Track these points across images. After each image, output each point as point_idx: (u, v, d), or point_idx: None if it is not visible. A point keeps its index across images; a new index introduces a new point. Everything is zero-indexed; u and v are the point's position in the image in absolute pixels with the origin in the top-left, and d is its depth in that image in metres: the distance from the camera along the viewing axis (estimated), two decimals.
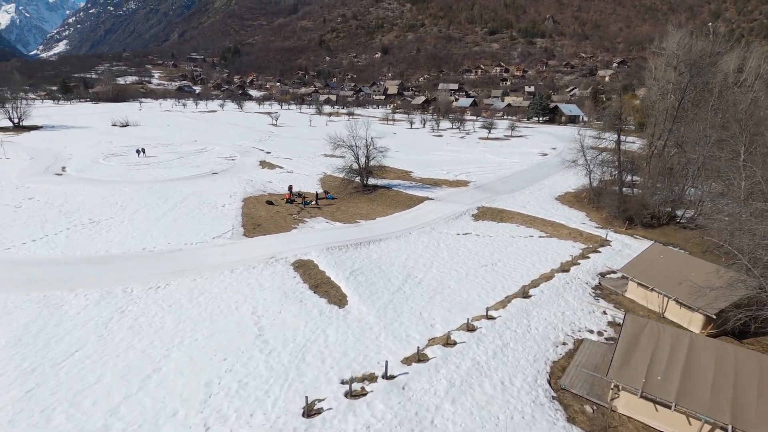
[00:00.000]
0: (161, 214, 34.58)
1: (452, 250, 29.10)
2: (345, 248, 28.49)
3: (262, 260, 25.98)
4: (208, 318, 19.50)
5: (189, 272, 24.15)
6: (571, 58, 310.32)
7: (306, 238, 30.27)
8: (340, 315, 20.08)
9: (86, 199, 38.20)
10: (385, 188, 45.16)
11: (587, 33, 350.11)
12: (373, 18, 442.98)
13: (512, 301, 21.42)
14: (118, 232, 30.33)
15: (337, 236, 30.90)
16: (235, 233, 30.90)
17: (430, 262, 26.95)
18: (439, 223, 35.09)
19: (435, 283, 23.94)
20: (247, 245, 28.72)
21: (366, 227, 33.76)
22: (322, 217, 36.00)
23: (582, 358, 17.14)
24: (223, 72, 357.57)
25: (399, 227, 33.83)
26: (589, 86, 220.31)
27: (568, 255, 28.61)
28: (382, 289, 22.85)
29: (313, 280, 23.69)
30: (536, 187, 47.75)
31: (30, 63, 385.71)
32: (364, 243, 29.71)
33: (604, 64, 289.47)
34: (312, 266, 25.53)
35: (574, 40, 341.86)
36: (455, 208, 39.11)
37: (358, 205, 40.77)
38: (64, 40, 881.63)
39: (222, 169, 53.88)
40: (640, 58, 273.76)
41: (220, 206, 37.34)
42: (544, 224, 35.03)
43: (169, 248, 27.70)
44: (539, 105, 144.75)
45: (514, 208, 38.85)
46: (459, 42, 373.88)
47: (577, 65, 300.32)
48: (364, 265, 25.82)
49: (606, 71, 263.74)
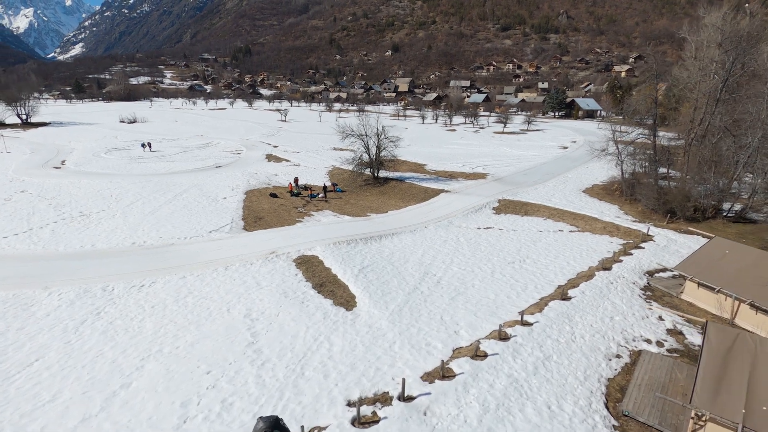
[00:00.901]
0: (156, 207, 32.11)
1: (474, 246, 25.97)
2: (354, 243, 25.57)
3: (261, 256, 23.20)
4: (194, 322, 16.74)
5: (178, 269, 21.49)
6: (585, 54, 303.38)
7: (311, 232, 27.43)
8: (348, 319, 17.13)
9: (80, 191, 35.99)
10: (397, 181, 42.15)
11: (602, 28, 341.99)
12: (383, 16, 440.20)
13: (549, 303, 18.23)
14: (107, 225, 27.89)
15: (346, 230, 28.00)
16: (234, 227, 28.23)
17: (449, 258, 23.88)
18: (457, 217, 31.96)
19: (456, 281, 20.86)
20: (245, 240, 25.99)
21: (377, 221, 30.80)
22: (329, 211, 33.16)
23: (643, 375, 13.92)
24: (234, 72, 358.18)
25: (413, 221, 30.80)
26: (605, 82, 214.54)
27: (605, 251, 25.24)
28: (396, 288, 19.86)
29: (317, 279, 20.80)
30: (560, 180, 44.24)
31: (46, 65, 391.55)
32: (375, 237, 26.75)
33: (620, 60, 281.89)
34: (316, 263, 22.67)
35: (588, 35, 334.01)
36: (474, 200, 35.93)
37: (368, 198, 37.83)
38: (80, 43, 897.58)
39: (226, 162, 51.46)
40: (658, 53, 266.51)
41: (220, 199, 34.78)
42: (574, 218, 31.63)
43: (161, 243, 25.12)
44: (555, 99, 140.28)
45: (539, 201, 35.49)
46: (470, 39, 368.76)
47: (592, 61, 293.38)
48: (375, 262, 22.87)
49: (622, 66, 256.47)
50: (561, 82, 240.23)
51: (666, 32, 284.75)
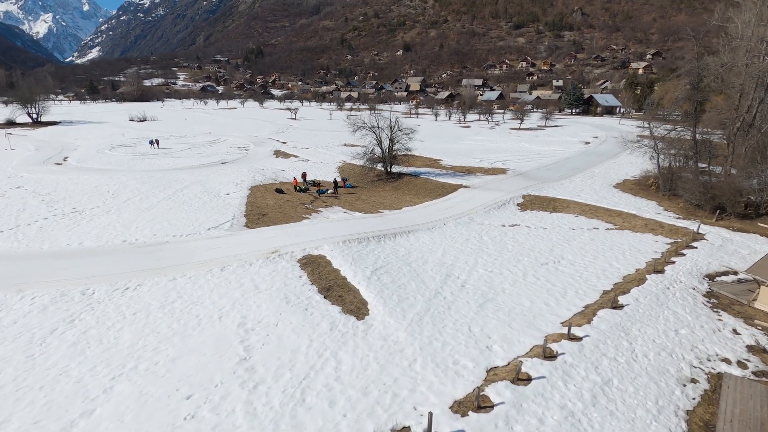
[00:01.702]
0: (154, 203, 29.98)
1: (500, 245, 23.15)
2: (365, 241, 22.97)
3: (262, 255, 20.74)
4: (179, 332, 14.31)
5: (169, 269, 19.14)
6: (601, 51, 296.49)
7: (318, 230, 24.91)
8: (359, 330, 14.52)
9: (77, 188, 34.12)
10: (411, 176, 39.45)
11: (618, 24, 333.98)
12: (394, 16, 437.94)
13: (598, 313, 15.34)
14: (99, 222, 25.80)
15: (356, 227, 25.41)
16: (234, 224, 25.88)
17: (473, 258, 21.11)
18: (478, 213, 29.12)
19: (484, 285, 18.10)
20: (246, 237, 23.58)
21: (391, 218, 28.15)
22: (338, 207, 30.64)
23: (732, 407, 11.00)
24: (246, 73, 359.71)
25: (431, 217, 28.07)
26: (623, 79, 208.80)
27: (651, 251, 22.18)
28: (415, 293, 17.18)
29: (324, 281, 18.23)
30: (586, 175, 41.02)
31: (63, 68, 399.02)
32: (389, 235, 24.11)
33: (637, 56, 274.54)
34: (324, 263, 20.11)
35: (604, 32, 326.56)
36: (496, 196, 33.03)
37: (380, 194, 35.23)
38: (97, 47, 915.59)
39: (233, 158, 49.41)
40: (677, 49, 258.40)
41: (223, 195, 32.54)
42: (609, 214, 28.52)
43: (154, 241, 22.86)
44: (573, 96, 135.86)
45: (567, 197, 32.43)
46: (483, 37, 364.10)
47: (608, 58, 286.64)
48: (389, 262, 20.21)
49: (639, 63, 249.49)
50: (576, 79, 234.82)
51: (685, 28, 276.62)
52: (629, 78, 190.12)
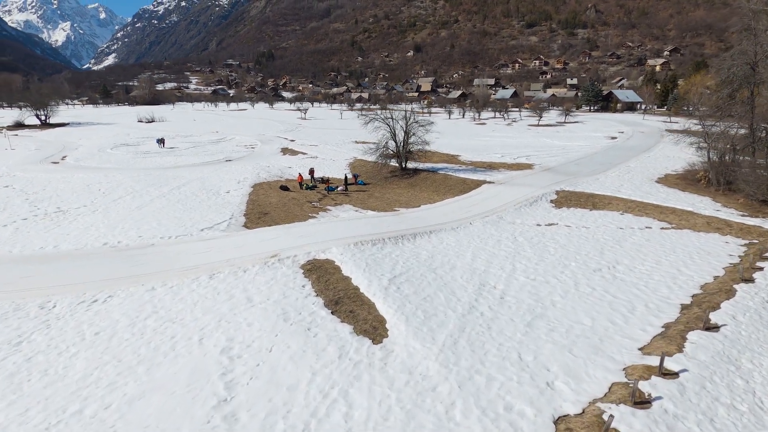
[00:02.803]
0: (146, 201, 27.20)
1: (539, 247, 19.65)
2: (381, 243, 19.69)
3: (260, 260, 17.61)
4: (147, 360, 11.21)
5: (149, 277, 16.15)
6: (616, 48, 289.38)
7: (326, 230, 21.71)
8: (376, 358, 11.22)
9: (68, 186, 31.60)
10: (428, 172, 36.12)
11: (634, 21, 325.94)
12: (405, 17, 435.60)
13: (688, 336, 11.76)
14: (82, 222, 23.04)
15: (370, 227, 22.16)
16: (232, 224, 22.86)
17: (510, 263, 17.66)
18: (508, 211, 25.62)
19: (528, 297, 14.66)
20: (243, 239, 20.51)
21: (408, 217, 24.84)
22: (349, 205, 27.44)
23: None
24: (257, 76, 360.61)
25: (454, 216, 24.68)
26: (640, 76, 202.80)
27: (725, 254, 18.44)
28: (444, 307, 13.82)
29: (332, 293, 14.98)
30: (622, 170, 37.12)
31: (79, 74, 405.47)
32: (408, 236, 20.80)
33: (654, 53, 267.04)
34: (332, 270, 16.88)
35: (619, 29, 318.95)
36: (525, 192, 29.47)
37: (395, 191, 31.95)
38: (113, 54, 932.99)
39: (238, 156, 46.70)
40: (695, 45, 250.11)
41: (222, 193, 29.64)
42: (660, 211, 24.75)
43: (138, 243, 19.94)
44: (591, 92, 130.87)
45: (607, 192, 28.69)
46: (494, 37, 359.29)
47: (623, 55, 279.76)
48: (410, 268, 16.89)
49: (656, 60, 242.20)
50: (591, 77, 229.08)
51: (703, 23, 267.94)
52: (648, 74, 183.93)
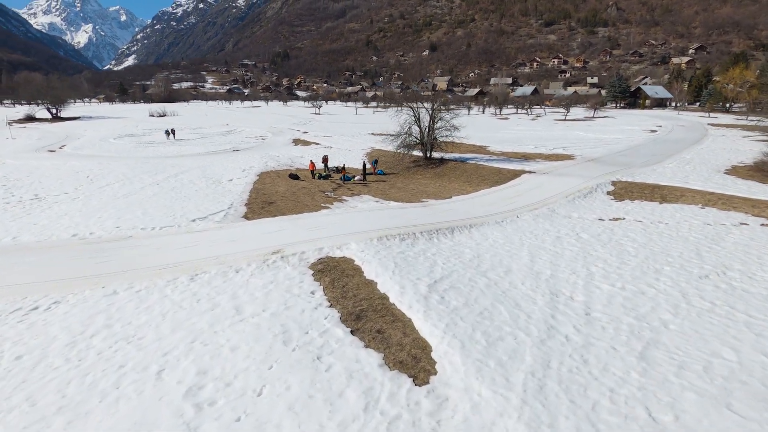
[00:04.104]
0: (137, 189, 23.72)
1: (613, 246, 15.36)
2: (411, 238, 15.65)
3: (258, 257, 13.75)
4: (74, 405, 7.38)
5: (114, 277, 12.44)
6: (639, 47, 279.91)
7: (342, 222, 17.77)
8: (422, 413, 7.17)
9: (56, 173, 28.44)
10: (456, 161, 31.96)
11: (657, 18, 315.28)
12: (420, 16, 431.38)
13: None
14: (57, 211, 19.61)
15: (396, 219, 18.15)
16: (230, 214, 19.11)
17: (582, 266, 13.44)
18: (559, 203, 21.33)
19: (624, 314, 10.43)
20: (240, 231, 16.70)
21: (440, 208, 20.75)
22: (368, 196, 23.49)
23: None
24: (272, 75, 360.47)
25: (494, 208, 20.50)
26: (665, 74, 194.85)
27: None
28: (511, 327, 9.69)
29: (351, 302, 10.97)
30: (679, 161, 32.32)
31: (99, 74, 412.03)
32: (444, 230, 16.72)
33: (679, 51, 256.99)
34: (350, 271, 12.90)
35: (641, 27, 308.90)
36: (574, 182, 25.10)
37: (420, 181, 27.89)
38: (132, 55, 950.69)
39: (246, 146, 43.25)
40: (722, 43, 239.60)
41: (224, 181, 26.02)
42: (752, 205, 20.11)
43: (114, 235, 16.33)
44: (618, 87, 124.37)
45: (676, 183, 24.13)
46: (512, 35, 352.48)
47: (646, 53, 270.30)
48: (453, 270, 12.79)
49: (681, 58, 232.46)
50: (612, 76, 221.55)
51: (731, 20, 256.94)
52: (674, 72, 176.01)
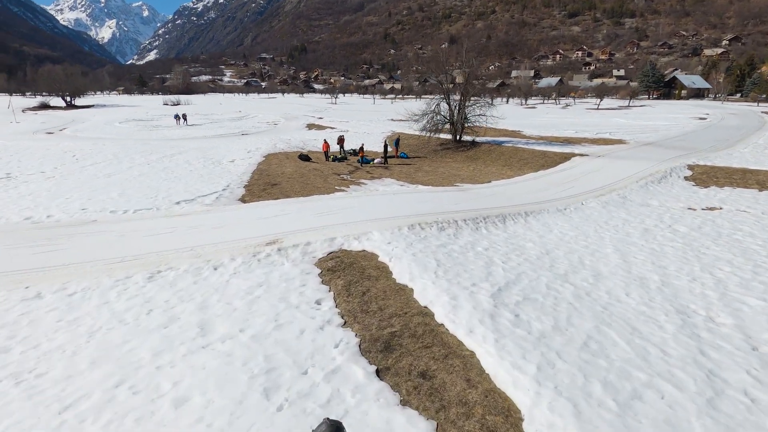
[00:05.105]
0: (123, 168, 20.53)
1: (727, 243, 11.24)
2: (453, 227, 11.83)
3: (248, 248, 10.18)
4: None
5: (52, 273, 9.05)
6: (668, 38, 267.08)
7: (361, 205, 14.07)
8: None
9: (42, 152, 25.56)
10: (490, 144, 27.91)
11: (688, 9, 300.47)
12: (439, 9, 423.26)
13: None
14: (23, 190, 16.49)
15: (428, 204, 14.36)
16: (224, 196, 15.65)
17: (701, 270, 9.41)
18: (630, 189, 17.16)
19: None
20: (232, 215, 13.18)
21: (480, 193, 16.85)
22: (391, 179, 19.75)
23: None
24: (289, 69, 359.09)
25: (548, 194, 16.50)
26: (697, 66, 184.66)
27: None
28: (646, 373, 5.86)
29: (376, 319, 7.26)
30: (750, 146, 27.56)
31: (120, 68, 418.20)
32: (493, 218, 12.84)
33: (711, 42, 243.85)
34: (373, 269, 9.19)
35: (671, 17, 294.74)
36: (640, 166, 20.82)
37: (450, 164, 23.99)
38: (154, 50, 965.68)
39: (257, 131, 40.00)
40: (759, 33, 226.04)
41: (225, 162, 22.64)
42: None
43: (76, 219, 13.02)
44: (651, 77, 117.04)
45: (766, 167, 19.67)
46: (534, 27, 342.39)
47: (676, 45, 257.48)
48: (521, 273, 8.94)
49: (714, 50, 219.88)
50: (639, 69, 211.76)
51: None
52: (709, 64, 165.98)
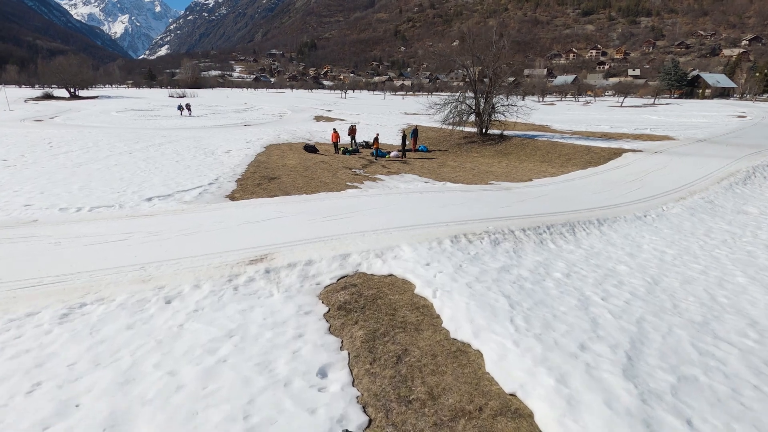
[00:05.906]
0: (99, 157, 17.59)
1: None
2: (511, 240, 8.66)
3: (223, 268, 7.13)
4: None
5: None
6: (685, 37, 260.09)
7: (381, 207, 10.94)
8: None
9: (17, 140, 22.80)
10: (521, 138, 24.62)
11: (706, 8, 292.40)
12: (451, 6, 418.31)
13: None
14: None
15: (466, 207, 11.18)
16: (210, 192, 12.60)
17: None
18: (712, 192, 13.80)
19: None
20: (213, 217, 10.13)
21: (526, 194, 13.61)
22: (412, 175, 16.58)
23: None
24: (299, 65, 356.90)
25: (610, 196, 13.19)
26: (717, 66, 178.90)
27: None
28: None
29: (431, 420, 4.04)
30: None
31: (131, 62, 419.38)
32: (559, 227, 9.68)
33: (730, 42, 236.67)
34: (408, 310, 6.09)
35: (689, 16, 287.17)
36: (711, 164, 17.41)
37: (478, 159, 20.76)
38: (166, 45, 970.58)
39: (261, 122, 37.06)
40: None
41: (219, 152, 19.61)
42: None
43: (11, 218, 10.03)
44: (673, 75, 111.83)
45: None
46: (547, 25, 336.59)
47: (693, 45, 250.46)
48: (641, 318, 5.76)
49: (732, 50, 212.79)
50: (655, 69, 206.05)
51: None
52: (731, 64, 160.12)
